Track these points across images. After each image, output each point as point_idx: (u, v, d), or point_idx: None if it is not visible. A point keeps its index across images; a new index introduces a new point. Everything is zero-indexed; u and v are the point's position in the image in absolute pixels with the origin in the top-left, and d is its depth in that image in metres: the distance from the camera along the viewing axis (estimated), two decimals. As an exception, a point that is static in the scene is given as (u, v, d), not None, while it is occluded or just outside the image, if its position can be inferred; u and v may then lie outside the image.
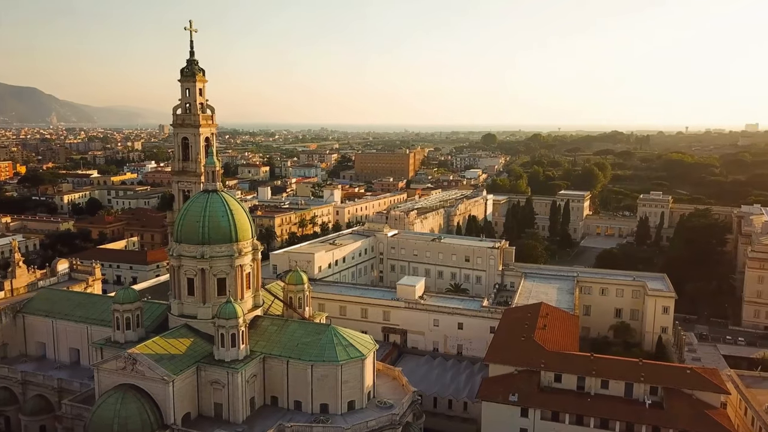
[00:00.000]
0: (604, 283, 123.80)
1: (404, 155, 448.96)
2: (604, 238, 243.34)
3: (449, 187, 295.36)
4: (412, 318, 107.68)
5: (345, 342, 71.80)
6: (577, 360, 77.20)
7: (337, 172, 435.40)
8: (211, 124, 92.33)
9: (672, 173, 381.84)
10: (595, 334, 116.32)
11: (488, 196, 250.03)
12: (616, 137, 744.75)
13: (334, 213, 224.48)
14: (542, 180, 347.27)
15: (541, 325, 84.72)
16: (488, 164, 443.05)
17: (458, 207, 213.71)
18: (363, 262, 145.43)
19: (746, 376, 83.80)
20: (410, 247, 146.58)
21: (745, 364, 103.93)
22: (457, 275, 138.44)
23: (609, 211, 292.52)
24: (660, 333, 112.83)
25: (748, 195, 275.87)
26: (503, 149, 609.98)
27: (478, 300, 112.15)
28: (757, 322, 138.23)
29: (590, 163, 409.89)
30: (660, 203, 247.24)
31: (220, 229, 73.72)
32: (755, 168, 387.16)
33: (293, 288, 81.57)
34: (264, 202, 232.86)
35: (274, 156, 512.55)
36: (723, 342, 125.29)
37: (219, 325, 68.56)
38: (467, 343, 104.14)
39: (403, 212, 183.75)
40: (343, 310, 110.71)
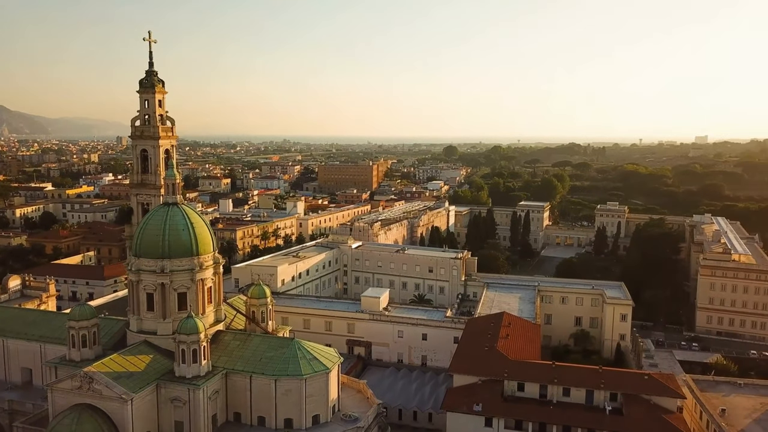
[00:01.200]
0: (564, 292, 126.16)
1: (368, 167, 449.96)
2: (564, 247, 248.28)
3: (412, 199, 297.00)
4: (377, 330, 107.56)
5: (309, 355, 71.18)
6: (539, 368, 78.36)
7: (300, 184, 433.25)
8: (171, 135, 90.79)
9: (627, 184, 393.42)
10: (556, 343, 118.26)
11: (450, 207, 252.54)
12: (574, 149, 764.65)
13: (298, 225, 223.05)
14: (503, 191, 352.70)
15: (504, 335, 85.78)
16: (450, 176, 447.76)
17: (421, 218, 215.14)
18: (327, 274, 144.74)
19: (701, 381, 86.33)
20: (374, 259, 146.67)
21: (699, 368, 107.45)
22: (421, 286, 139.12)
23: (568, 221, 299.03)
24: (618, 340, 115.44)
25: (699, 205, 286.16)
26: (464, 161, 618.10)
27: (441, 310, 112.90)
28: (710, 327, 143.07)
29: (549, 174, 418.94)
30: (616, 213, 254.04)
31: (181, 242, 72.43)
32: (705, 178, 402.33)
33: (256, 302, 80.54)
34: (225, 215, 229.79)
35: (236, 168, 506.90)
36: (678, 348, 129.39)
37: (180, 341, 67.14)
38: (431, 353, 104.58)
39: (367, 224, 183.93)
40: (307, 323, 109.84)
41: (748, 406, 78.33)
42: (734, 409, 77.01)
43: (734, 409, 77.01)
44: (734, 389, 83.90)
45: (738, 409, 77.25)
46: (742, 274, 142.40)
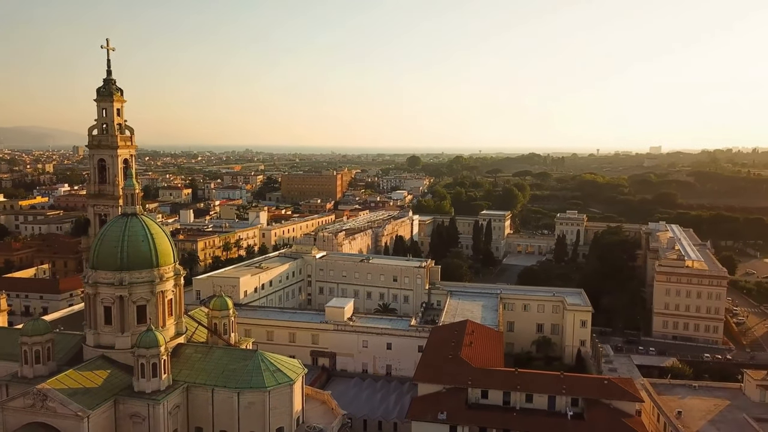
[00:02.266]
0: (526, 300, 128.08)
1: (331, 177, 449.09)
2: (525, 255, 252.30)
3: (377, 209, 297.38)
4: (341, 340, 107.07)
5: (272, 367, 70.35)
6: (503, 375, 79.22)
7: (263, 193, 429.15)
8: (130, 145, 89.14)
9: (586, 193, 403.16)
10: (518, 350, 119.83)
11: (414, 216, 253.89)
12: (534, 159, 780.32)
13: (260, 235, 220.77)
14: (465, 200, 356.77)
15: (468, 343, 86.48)
16: (413, 185, 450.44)
17: (385, 228, 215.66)
18: (290, 285, 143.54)
19: (658, 384, 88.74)
20: (339, 269, 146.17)
21: (656, 372, 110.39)
22: (386, 295, 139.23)
23: (529, 229, 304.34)
24: (579, 346, 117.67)
25: (654, 213, 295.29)
26: (427, 171, 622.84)
27: (406, 319, 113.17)
28: (666, 332, 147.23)
29: (510, 184, 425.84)
30: (575, 222, 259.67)
31: (140, 254, 70.89)
32: (660, 187, 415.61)
33: (218, 314, 79.32)
34: (186, 226, 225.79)
35: (197, 178, 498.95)
36: (636, 352, 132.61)
37: (139, 355, 65.52)
38: (396, 363, 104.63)
39: (331, 233, 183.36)
40: (270, 334, 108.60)
41: (703, 407, 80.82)
42: (690, 411, 79.34)
43: (690, 411, 79.34)
44: (689, 392, 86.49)
45: (693, 410, 79.62)
46: (695, 279, 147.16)
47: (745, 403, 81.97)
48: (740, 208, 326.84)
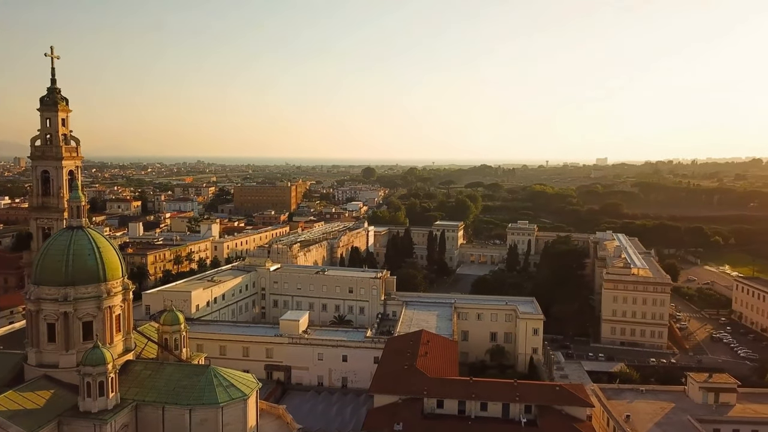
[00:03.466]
0: (480, 309, 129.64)
1: (286, 188, 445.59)
2: (478, 265, 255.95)
3: (332, 220, 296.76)
4: (296, 353, 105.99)
5: (226, 382, 68.98)
6: (458, 385, 79.97)
7: (215, 205, 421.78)
8: (76, 156, 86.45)
9: (536, 203, 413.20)
10: (473, 358, 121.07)
11: (369, 227, 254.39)
12: (485, 170, 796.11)
13: (213, 248, 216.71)
14: (419, 211, 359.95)
15: (423, 353, 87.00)
16: (369, 197, 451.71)
17: (341, 239, 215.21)
18: (244, 298, 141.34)
19: (607, 389, 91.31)
20: (293, 281, 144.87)
21: (605, 377, 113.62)
22: (341, 307, 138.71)
23: (481, 239, 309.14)
24: (531, 354, 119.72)
25: (601, 222, 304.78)
26: (382, 182, 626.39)
27: (361, 331, 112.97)
28: (614, 338, 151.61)
29: (463, 195, 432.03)
30: (526, 231, 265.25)
31: (87, 268, 68.53)
32: (606, 198, 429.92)
33: (168, 329, 77.28)
34: (136, 239, 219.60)
35: (147, 190, 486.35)
36: (586, 359, 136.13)
37: (85, 373, 63.13)
38: (352, 374, 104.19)
39: (285, 245, 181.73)
40: (223, 349, 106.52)
41: (650, 411, 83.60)
42: (638, 414, 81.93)
43: (638, 414, 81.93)
44: (637, 396, 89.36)
45: (641, 414, 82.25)
46: (641, 286, 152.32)
47: (688, 404, 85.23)
48: (681, 217, 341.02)
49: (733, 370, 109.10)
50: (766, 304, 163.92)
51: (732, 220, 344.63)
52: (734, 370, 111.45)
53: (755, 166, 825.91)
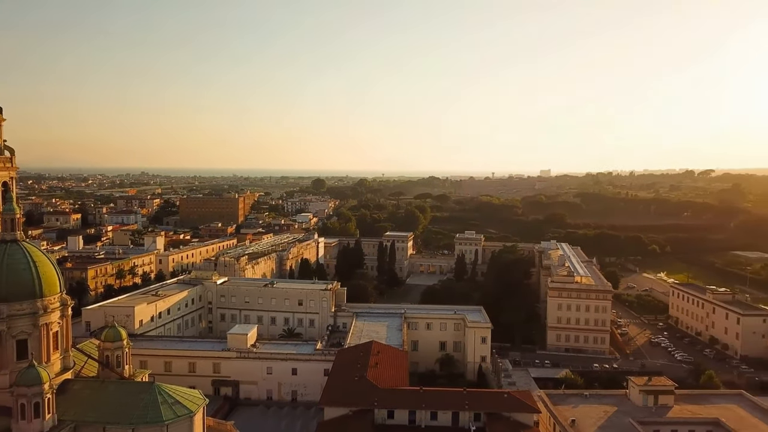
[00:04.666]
0: (429, 319, 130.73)
1: (233, 200, 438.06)
2: (427, 275, 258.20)
3: (281, 232, 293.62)
4: (245, 367, 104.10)
5: (171, 399, 67.00)
6: (408, 395, 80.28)
7: (159, 218, 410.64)
8: (10, 167, 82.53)
9: (483, 214, 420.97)
10: (423, 368, 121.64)
11: (320, 239, 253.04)
12: (434, 182, 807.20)
13: (157, 262, 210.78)
14: (370, 222, 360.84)
15: (373, 364, 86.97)
16: (319, 208, 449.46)
17: (290, 251, 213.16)
18: (190, 312, 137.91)
19: (553, 395, 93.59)
20: (241, 294, 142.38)
21: (551, 384, 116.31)
22: (291, 320, 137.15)
23: (430, 250, 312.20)
24: (480, 362, 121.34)
25: (545, 232, 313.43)
26: (332, 194, 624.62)
27: (311, 344, 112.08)
28: (559, 345, 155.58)
29: (412, 206, 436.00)
30: (474, 241, 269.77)
31: (21, 283, 65.48)
32: (550, 208, 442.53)
33: (110, 345, 74.52)
34: (75, 253, 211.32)
35: (87, 202, 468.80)
36: (533, 365, 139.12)
37: (19, 394, 60.08)
38: (302, 388, 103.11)
39: (233, 258, 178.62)
40: (168, 365, 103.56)
41: (594, 414, 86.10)
42: (582, 418, 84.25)
43: (582, 418, 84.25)
44: (582, 400, 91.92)
45: (585, 418, 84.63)
46: (584, 294, 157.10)
47: (630, 407, 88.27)
48: (621, 226, 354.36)
49: (670, 373, 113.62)
50: (699, 309, 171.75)
51: (668, 229, 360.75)
52: (671, 373, 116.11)
53: (688, 177, 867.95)
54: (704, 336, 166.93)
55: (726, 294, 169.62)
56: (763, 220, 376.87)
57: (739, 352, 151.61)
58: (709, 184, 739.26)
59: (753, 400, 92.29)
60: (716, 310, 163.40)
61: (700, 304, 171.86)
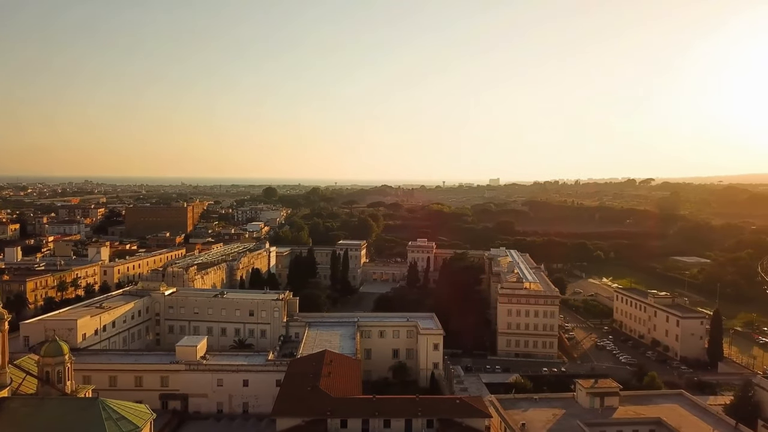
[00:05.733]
0: (382, 326, 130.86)
1: (182, 209, 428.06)
2: (381, 283, 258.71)
3: (231, 241, 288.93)
4: (194, 380, 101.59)
5: (116, 415, 64.89)
6: (361, 403, 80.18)
7: (104, 228, 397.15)
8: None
9: (434, 222, 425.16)
10: (376, 376, 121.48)
11: (271, 248, 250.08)
12: (386, 191, 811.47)
13: (102, 273, 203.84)
14: (323, 231, 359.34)
15: (326, 373, 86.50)
16: (270, 217, 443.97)
17: (241, 260, 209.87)
18: (137, 325, 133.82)
19: (504, 399, 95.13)
20: (190, 305, 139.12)
21: (502, 388, 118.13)
22: (242, 331, 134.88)
23: (383, 257, 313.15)
24: (432, 369, 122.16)
25: (495, 239, 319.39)
26: (284, 202, 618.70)
27: (263, 354, 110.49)
28: (510, 350, 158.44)
29: (365, 214, 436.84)
30: (426, 249, 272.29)
31: (-46, 298, 62.34)
32: (499, 216, 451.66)
33: (51, 360, 71.62)
34: (13, 265, 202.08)
35: (27, 212, 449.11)
36: (484, 371, 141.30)
37: (-49, 415, 57.13)
38: (254, 399, 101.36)
39: (181, 268, 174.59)
40: (113, 380, 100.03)
41: (543, 418, 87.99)
42: (532, 422, 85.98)
43: (532, 422, 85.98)
44: (531, 404, 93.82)
45: (535, 421, 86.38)
46: (532, 300, 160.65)
47: (578, 410, 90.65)
48: (567, 233, 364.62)
49: (615, 375, 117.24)
50: (642, 312, 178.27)
51: (612, 235, 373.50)
52: (617, 375, 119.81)
53: (630, 186, 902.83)
54: (647, 339, 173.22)
55: (666, 298, 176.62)
56: (699, 226, 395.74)
57: (678, 353, 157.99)
58: (650, 192, 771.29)
59: (692, 399, 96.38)
60: (657, 313, 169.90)
61: (642, 308, 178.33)
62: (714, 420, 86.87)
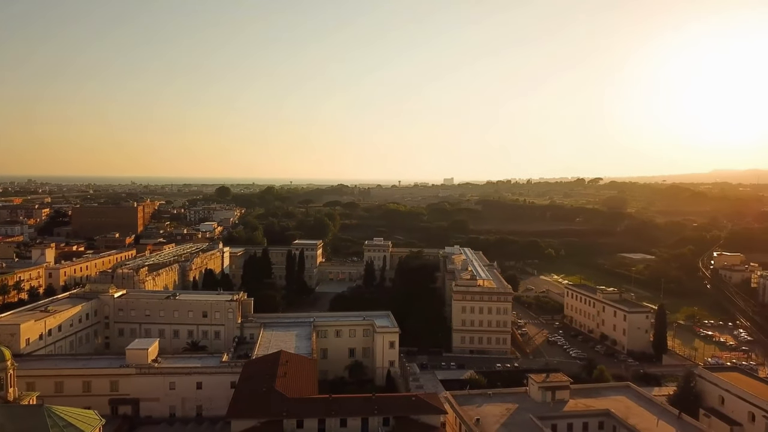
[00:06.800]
0: (338, 326, 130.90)
1: (132, 209, 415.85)
2: (337, 282, 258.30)
3: (183, 241, 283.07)
4: (145, 384, 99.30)
5: (62, 422, 62.90)
6: (317, 403, 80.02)
7: (49, 228, 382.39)
8: None
9: (390, 221, 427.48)
10: (333, 376, 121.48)
11: (225, 248, 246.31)
12: (342, 190, 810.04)
13: (47, 275, 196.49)
14: (278, 231, 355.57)
15: (282, 374, 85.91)
16: (224, 217, 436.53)
17: (194, 261, 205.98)
18: (85, 328, 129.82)
19: (458, 396, 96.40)
20: (141, 308, 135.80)
21: (457, 385, 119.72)
22: (195, 332, 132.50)
23: (340, 257, 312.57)
24: (388, 367, 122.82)
25: (449, 238, 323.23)
26: (238, 202, 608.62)
27: (217, 356, 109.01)
28: (464, 347, 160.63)
29: (321, 213, 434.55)
30: (382, 248, 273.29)
31: None
32: (454, 215, 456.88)
33: (-7, 367, 68.94)
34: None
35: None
36: (440, 368, 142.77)
37: None
38: (208, 402, 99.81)
39: (131, 270, 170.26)
40: (59, 386, 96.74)
41: (497, 413, 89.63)
42: (486, 417, 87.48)
43: (486, 417, 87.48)
44: (486, 399, 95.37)
45: (489, 416, 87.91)
46: (486, 297, 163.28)
47: (530, 404, 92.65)
48: (519, 231, 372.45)
49: (566, 369, 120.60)
50: (591, 308, 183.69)
51: (562, 233, 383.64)
52: (567, 369, 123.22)
53: (579, 185, 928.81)
54: (596, 333, 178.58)
55: (614, 293, 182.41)
56: (644, 224, 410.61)
57: (626, 347, 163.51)
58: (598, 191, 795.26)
59: (638, 391, 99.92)
60: (605, 308, 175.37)
61: (591, 303, 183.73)
62: (659, 410, 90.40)
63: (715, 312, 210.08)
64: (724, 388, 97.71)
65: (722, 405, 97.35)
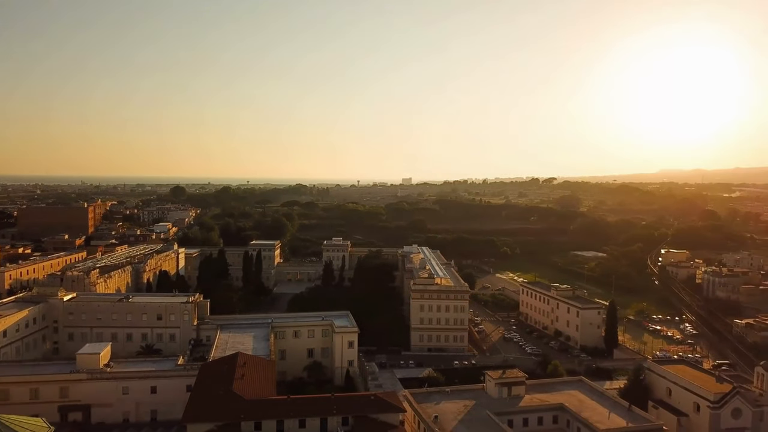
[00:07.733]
0: (297, 326, 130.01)
1: (82, 209, 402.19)
2: (295, 283, 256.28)
3: (137, 243, 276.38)
4: (97, 389, 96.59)
5: (8, 431, 60.69)
6: (275, 404, 79.54)
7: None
8: None
9: (349, 221, 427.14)
10: (291, 377, 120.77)
11: (180, 249, 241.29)
12: (301, 190, 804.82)
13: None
14: (234, 231, 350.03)
15: (239, 376, 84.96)
16: (179, 217, 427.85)
17: (148, 263, 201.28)
18: (32, 333, 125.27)
19: (417, 394, 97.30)
20: (92, 311, 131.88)
21: (416, 383, 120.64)
22: (149, 336, 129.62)
23: (298, 257, 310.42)
24: (347, 366, 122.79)
25: (408, 237, 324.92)
26: (193, 202, 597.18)
27: (172, 359, 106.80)
28: (423, 345, 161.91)
29: (279, 213, 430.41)
30: (341, 248, 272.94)
31: None
32: (412, 215, 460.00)
33: (-67, 375, 65.92)
34: None
35: None
36: (398, 367, 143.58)
37: None
38: (163, 406, 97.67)
39: (82, 272, 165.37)
40: (5, 394, 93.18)
41: (455, 409, 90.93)
42: (444, 414, 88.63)
43: (444, 414, 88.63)
44: (444, 397, 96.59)
45: (447, 413, 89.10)
46: (443, 295, 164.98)
47: (487, 400, 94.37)
48: (476, 230, 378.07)
49: (522, 365, 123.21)
50: (545, 305, 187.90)
51: (517, 232, 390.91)
52: (523, 365, 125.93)
53: (534, 185, 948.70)
54: (550, 329, 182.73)
55: (567, 290, 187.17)
56: (596, 223, 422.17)
57: (579, 342, 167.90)
58: (552, 190, 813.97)
59: (591, 385, 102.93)
60: (559, 305, 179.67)
61: (545, 300, 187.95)
62: (610, 403, 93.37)
63: (663, 307, 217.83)
64: (671, 380, 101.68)
65: (669, 396, 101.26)
